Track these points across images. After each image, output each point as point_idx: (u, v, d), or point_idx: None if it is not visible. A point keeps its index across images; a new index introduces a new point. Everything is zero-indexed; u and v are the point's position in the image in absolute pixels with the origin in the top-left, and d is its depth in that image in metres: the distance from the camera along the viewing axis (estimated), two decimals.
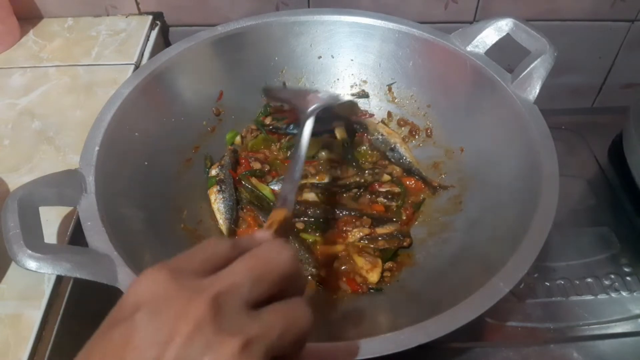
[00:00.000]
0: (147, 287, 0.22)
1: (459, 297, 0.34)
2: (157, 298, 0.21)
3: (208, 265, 0.23)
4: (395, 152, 0.56)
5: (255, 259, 0.23)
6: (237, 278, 0.22)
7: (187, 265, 0.23)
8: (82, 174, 0.40)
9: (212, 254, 0.24)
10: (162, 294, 0.21)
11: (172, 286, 0.21)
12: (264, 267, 0.23)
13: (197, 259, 0.23)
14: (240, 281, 0.22)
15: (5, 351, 0.36)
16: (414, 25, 0.55)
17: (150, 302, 0.21)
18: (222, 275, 0.22)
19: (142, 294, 0.21)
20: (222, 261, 0.23)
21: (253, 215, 0.51)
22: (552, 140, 0.44)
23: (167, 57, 0.51)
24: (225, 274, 0.22)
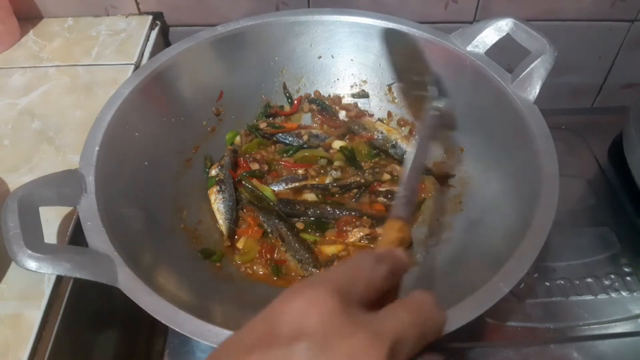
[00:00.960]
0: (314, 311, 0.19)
1: (458, 297, 0.34)
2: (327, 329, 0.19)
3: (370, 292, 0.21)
4: (397, 148, 0.56)
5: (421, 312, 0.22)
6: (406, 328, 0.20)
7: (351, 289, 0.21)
8: (82, 174, 0.40)
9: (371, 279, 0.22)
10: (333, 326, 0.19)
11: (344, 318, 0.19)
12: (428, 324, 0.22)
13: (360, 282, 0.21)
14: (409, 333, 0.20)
15: (5, 351, 0.36)
16: (414, 25, 0.55)
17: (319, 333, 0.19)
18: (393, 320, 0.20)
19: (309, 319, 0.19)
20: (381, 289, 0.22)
21: (253, 215, 0.51)
22: (552, 140, 0.44)
23: (167, 57, 0.51)
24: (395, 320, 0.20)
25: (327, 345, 0.18)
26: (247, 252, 0.48)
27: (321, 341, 0.18)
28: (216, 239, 0.49)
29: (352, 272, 0.22)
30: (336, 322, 0.19)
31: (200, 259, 0.46)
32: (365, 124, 0.58)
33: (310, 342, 0.18)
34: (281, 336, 0.19)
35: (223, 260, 0.47)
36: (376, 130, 0.57)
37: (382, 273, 0.22)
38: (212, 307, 0.39)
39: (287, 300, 0.20)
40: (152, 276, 0.36)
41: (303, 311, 0.19)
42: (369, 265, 0.22)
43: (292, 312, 0.19)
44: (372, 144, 0.57)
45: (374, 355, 0.18)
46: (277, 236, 0.49)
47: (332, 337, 0.19)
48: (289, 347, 0.18)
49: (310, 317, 0.19)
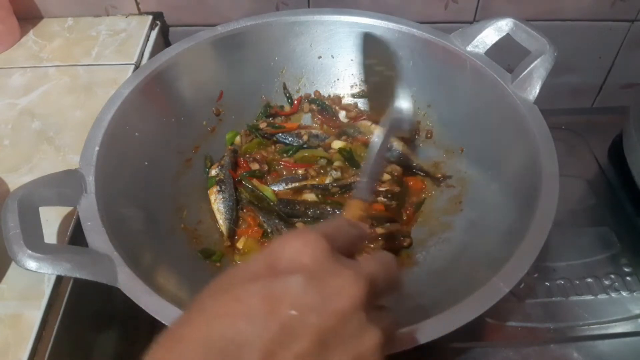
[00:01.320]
0: (311, 251, 0.22)
1: (459, 297, 0.34)
2: (319, 266, 0.22)
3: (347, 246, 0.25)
4: (392, 151, 0.56)
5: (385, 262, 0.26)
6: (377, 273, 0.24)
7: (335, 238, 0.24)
8: (82, 174, 0.40)
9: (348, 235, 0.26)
10: (324, 264, 0.22)
11: (332, 258, 0.23)
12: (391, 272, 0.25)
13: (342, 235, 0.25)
14: (379, 277, 0.24)
15: (5, 351, 0.36)
16: (414, 25, 0.55)
17: (312, 269, 0.22)
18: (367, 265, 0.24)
19: (305, 256, 0.22)
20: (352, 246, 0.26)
21: (253, 215, 0.51)
22: (552, 140, 0.44)
23: (167, 57, 0.51)
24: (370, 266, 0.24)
25: (320, 279, 0.22)
26: (247, 252, 0.48)
27: (314, 275, 0.22)
28: (216, 239, 0.49)
29: (335, 227, 0.26)
30: (327, 261, 0.22)
31: (200, 259, 0.46)
32: (361, 127, 0.58)
33: (305, 275, 0.21)
34: (281, 269, 0.22)
35: (223, 260, 0.47)
36: (371, 133, 0.57)
37: (354, 233, 0.27)
38: None
39: (286, 241, 0.23)
40: (152, 276, 0.36)
41: (299, 250, 0.22)
42: (346, 226, 0.27)
43: (291, 250, 0.23)
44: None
45: (356, 288, 0.22)
46: (277, 236, 0.49)
47: (323, 272, 0.22)
48: (288, 278, 0.21)
49: (305, 255, 0.22)
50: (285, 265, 0.22)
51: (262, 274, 0.22)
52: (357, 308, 0.22)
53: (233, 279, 0.23)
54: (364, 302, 0.22)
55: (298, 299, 0.21)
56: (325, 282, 0.21)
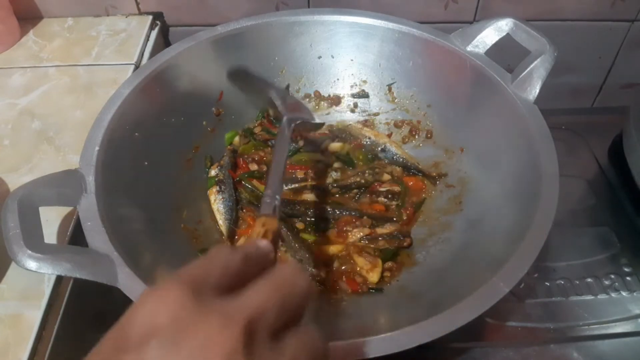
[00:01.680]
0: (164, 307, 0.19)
1: (459, 297, 0.34)
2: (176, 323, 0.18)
3: (225, 279, 0.21)
4: (386, 152, 0.56)
5: (278, 282, 0.21)
6: (263, 302, 0.20)
7: (205, 278, 0.20)
8: (82, 174, 0.40)
9: (226, 266, 0.22)
10: (182, 318, 0.18)
11: (195, 308, 0.19)
12: (288, 291, 0.21)
13: (214, 271, 0.21)
14: (267, 306, 0.20)
15: (5, 351, 0.36)
16: (414, 25, 0.55)
17: (169, 329, 0.18)
18: (248, 297, 0.20)
19: (157, 316, 0.18)
20: (237, 274, 0.22)
21: (253, 215, 0.51)
22: (552, 140, 0.44)
23: (167, 57, 0.51)
24: (250, 297, 0.20)
25: (179, 337, 0.18)
26: None
27: (172, 334, 0.18)
28: (216, 239, 0.49)
29: (206, 262, 0.22)
30: (186, 313, 0.18)
31: None
32: (352, 130, 0.58)
33: (160, 339, 0.18)
34: (132, 340, 0.18)
35: None
36: (363, 136, 0.57)
37: (237, 258, 0.22)
38: None
39: (138, 304, 0.19)
40: (152, 276, 0.36)
41: (153, 310, 0.19)
42: (224, 254, 0.22)
43: (143, 314, 0.19)
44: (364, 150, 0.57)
45: (227, 336, 0.18)
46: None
47: (183, 327, 0.18)
48: (140, 348, 0.18)
49: (160, 314, 0.18)
50: (138, 333, 0.18)
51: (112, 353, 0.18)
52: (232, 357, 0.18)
53: None
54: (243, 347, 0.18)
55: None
56: (187, 340, 0.18)
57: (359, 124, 0.59)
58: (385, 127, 0.60)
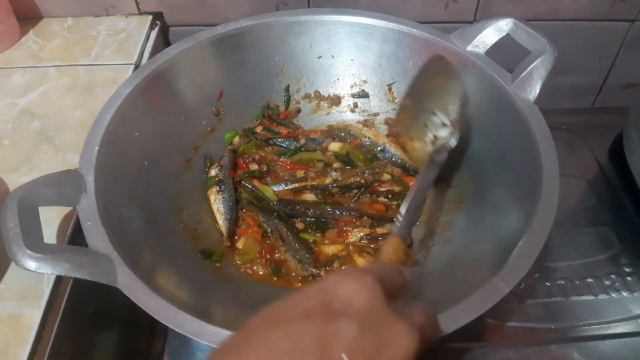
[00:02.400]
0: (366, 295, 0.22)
1: (459, 297, 0.34)
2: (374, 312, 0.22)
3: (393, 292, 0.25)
4: (385, 152, 0.56)
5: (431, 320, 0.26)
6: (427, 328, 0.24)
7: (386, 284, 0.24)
8: (82, 174, 0.40)
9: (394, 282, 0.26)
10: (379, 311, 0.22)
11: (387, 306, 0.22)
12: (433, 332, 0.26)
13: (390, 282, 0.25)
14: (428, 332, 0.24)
15: (5, 351, 0.36)
16: (414, 25, 0.55)
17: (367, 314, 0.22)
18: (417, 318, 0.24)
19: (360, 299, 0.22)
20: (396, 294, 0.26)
21: (252, 215, 0.51)
22: (553, 140, 0.43)
23: (167, 57, 0.51)
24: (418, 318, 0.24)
25: (374, 326, 0.21)
26: (247, 253, 0.48)
27: (369, 321, 0.21)
28: (216, 239, 0.49)
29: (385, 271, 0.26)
30: (381, 307, 0.22)
31: (200, 259, 0.46)
32: (352, 130, 0.58)
33: (360, 321, 0.21)
34: (335, 310, 0.21)
35: (223, 260, 0.47)
36: (363, 136, 0.57)
37: (399, 281, 0.27)
38: (211, 307, 0.39)
39: (341, 280, 0.23)
40: (151, 276, 0.36)
41: (355, 292, 0.22)
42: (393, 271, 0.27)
43: (346, 291, 0.22)
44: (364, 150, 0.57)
45: (410, 341, 0.22)
46: (277, 236, 0.49)
47: (378, 319, 0.22)
48: (342, 321, 0.21)
49: (360, 298, 0.22)
50: (340, 306, 0.22)
51: (316, 313, 0.22)
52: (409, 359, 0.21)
53: (285, 313, 0.22)
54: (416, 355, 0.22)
55: (351, 345, 0.20)
56: (379, 331, 0.21)
57: (359, 124, 0.59)
58: (385, 128, 0.60)
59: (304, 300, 0.23)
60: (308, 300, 0.22)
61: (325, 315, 0.21)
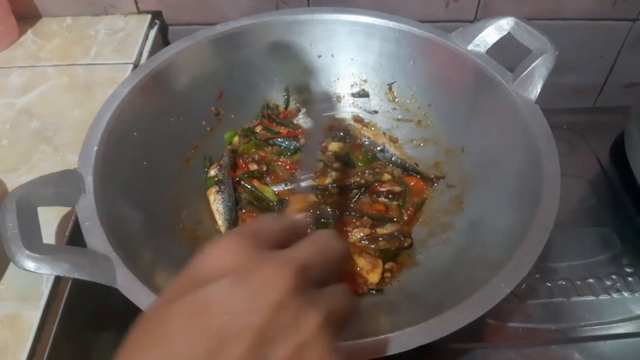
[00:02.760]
0: (228, 254, 0.22)
1: (459, 297, 0.34)
2: (240, 266, 0.21)
3: (274, 238, 0.25)
4: (385, 152, 0.56)
5: (321, 244, 0.25)
6: (310, 256, 0.23)
7: (259, 234, 0.24)
8: (81, 173, 0.40)
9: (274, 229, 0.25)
10: (245, 263, 0.21)
11: (255, 255, 0.22)
12: (328, 251, 0.25)
13: (266, 229, 0.25)
14: (313, 260, 0.23)
15: (4, 352, 0.36)
16: (415, 24, 0.55)
17: (236, 270, 0.21)
18: (296, 251, 0.23)
19: (225, 260, 0.22)
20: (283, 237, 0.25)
21: (252, 215, 0.51)
22: (554, 139, 0.43)
23: (166, 56, 0.51)
24: (299, 251, 0.24)
25: (243, 277, 0.21)
26: None
27: (239, 274, 0.21)
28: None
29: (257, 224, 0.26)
30: (249, 257, 0.22)
31: None
32: (351, 130, 0.58)
33: (229, 278, 0.21)
34: (201, 281, 0.21)
35: None
36: (362, 136, 0.57)
37: (282, 224, 0.26)
38: None
39: (204, 252, 0.22)
40: (151, 276, 0.36)
41: (220, 254, 0.22)
42: (271, 220, 0.27)
43: (210, 259, 0.22)
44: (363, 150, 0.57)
45: (283, 278, 0.21)
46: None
47: (247, 269, 0.21)
48: (209, 286, 0.21)
49: (225, 258, 0.22)
50: (206, 274, 0.21)
51: (185, 291, 0.21)
52: (288, 296, 0.21)
53: (159, 305, 0.22)
54: (295, 288, 0.21)
55: (225, 304, 0.20)
56: (250, 279, 0.21)
57: (358, 124, 0.59)
58: (386, 128, 0.59)
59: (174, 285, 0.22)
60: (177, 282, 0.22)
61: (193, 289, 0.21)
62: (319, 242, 0.25)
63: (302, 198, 0.32)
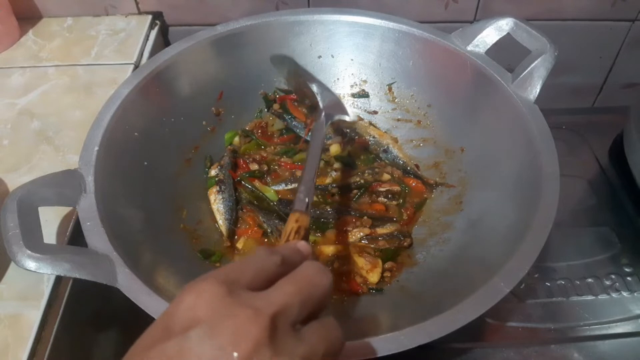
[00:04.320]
0: (204, 302, 0.21)
1: (459, 297, 0.34)
2: (215, 314, 0.21)
3: (259, 279, 0.24)
4: (388, 153, 0.56)
5: (303, 281, 0.24)
6: (288, 299, 0.23)
7: (240, 278, 0.23)
8: (82, 173, 0.40)
9: (262, 268, 0.25)
10: (218, 311, 0.21)
11: (230, 302, 0.22)
12: (311, 289, 0.24)
13: (249, 271, 0.24)
14: (291, 302, 0.23)
15: (5, 351, 0.36)
16: (414, 24, 0.55)
17: (208, 319, 0.21)
18: (274, 295, 0.23)
19: (198, 309, 0.21)
20: (272, 274, 0.24)
21: (252, 215, 0.51)
22: (553, 140, 0.43)
23: (166, 57, 0.51)
24: (277, 294, 0.23)
25: (215, 326, 0.21)
26: (247, 253, 0.48)
27: (209, 324, 0.21)
28: (216, 239, 0.49)
29: (243, 263, 0.25)
30: (221, 306, 0.21)
31: (200, 259, 0.46)
32: (358, 127, 0.58)
33: (200, 327, 0.21)
34: (175, 330, 0.21)
35: (223, 260, 0.47)
36: (368, 135, 0.57)
37: (274, 261, 0.25)
38: None
39: (179, 298, 0.22)
40: (151, 276, 0.36)
41: (193, 303, 0.22)
42: (261, 258, 0.25)
43: (184, 307, 0.22)
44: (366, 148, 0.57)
45: (256, 326, 0.21)
46: (277, 236, 0.49)
47: (219, 318, 0.21)
48: (182, 336, 0.20)
49: (199, 307, 0.21)
50: (180, 323, 0.21)
51: (159, 339, 0.21)
52: (257, 349, 0.20)
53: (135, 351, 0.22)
54: (267, 338, 0.21)
55: (195, 356, 0.20)
56: (221, 330, 0.21)
57: (365, 122, 0.59)
58: (386, 128, 0.59)
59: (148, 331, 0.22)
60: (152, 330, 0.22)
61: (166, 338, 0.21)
62: (303, 279, 0.24)
63: (300, 217, 0.32)
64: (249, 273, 0.24)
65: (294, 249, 0.28)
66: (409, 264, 0.47)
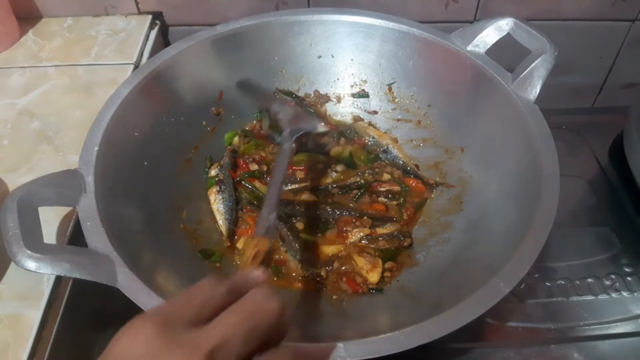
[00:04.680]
0: (139, 343, 0.21)
1: (459, 297, 0.34)
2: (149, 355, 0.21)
3: (205, 312, 0.23)
4: (388, 154, 0.56)
5: (247, 311, 0.23)
6: (230, 330, 0.22)
7: (181, 313, 0.23)
8: (82, 173, 0.40)
9: (207, 299, 0.23)
10: (154, 351, 0.21)
11: (165, 341, 0.21)
12: (257, 317, 0.23)
13: (193, 305, 0.23)
14: (234, 334, 0.22)
15: (5, 351, 0.36)
16: (414, 24, 0.55)
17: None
18: (215, 328, 0.22)
19: (134, 350, 0.21)
20: (218, 306, 0.23)
21: (253, 215, 0.51)
22: (553, 139, 0.43)
23: (166, 57, 0.51)
24: (218, 327, 0.22)
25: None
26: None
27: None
28: (216, 239, 0.49)
29: (187, 297, 0.24)
30: (157, 346, 0.21)
31: (200, 259, 0.46)
32: (358, 128, 0.58)
33: None
34: None
35: (223, 260, 0.47)
36: (367, 135, 0.57)
37: (221, 291, 0.24)
38: None
39: (117, 338, 0.22)
40: (151, 276, 0.36)
41: (129, 343, 0.21)
42: (208, 289, 0.24)
43: (120, 347, 0.21)
44: (365, 149, 0.57)
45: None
46: (277, 236, 0.49)
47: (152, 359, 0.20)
48: None
49: (135, 348, 0.21)
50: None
51: None
52: None
53: None
54: None
55: None
56: None
57: (365, 122, 0.59)
58: (386, 128, 0.59)
59: None
60: None
61: None
62: (245, 309, 0.23)
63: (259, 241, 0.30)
64: (193, 307, 0.23)
65: (244, 277, 0.26)
66: (409, 264, 0.47)
